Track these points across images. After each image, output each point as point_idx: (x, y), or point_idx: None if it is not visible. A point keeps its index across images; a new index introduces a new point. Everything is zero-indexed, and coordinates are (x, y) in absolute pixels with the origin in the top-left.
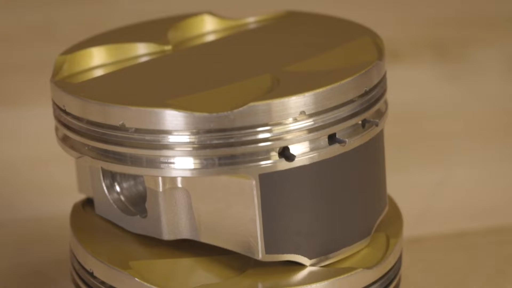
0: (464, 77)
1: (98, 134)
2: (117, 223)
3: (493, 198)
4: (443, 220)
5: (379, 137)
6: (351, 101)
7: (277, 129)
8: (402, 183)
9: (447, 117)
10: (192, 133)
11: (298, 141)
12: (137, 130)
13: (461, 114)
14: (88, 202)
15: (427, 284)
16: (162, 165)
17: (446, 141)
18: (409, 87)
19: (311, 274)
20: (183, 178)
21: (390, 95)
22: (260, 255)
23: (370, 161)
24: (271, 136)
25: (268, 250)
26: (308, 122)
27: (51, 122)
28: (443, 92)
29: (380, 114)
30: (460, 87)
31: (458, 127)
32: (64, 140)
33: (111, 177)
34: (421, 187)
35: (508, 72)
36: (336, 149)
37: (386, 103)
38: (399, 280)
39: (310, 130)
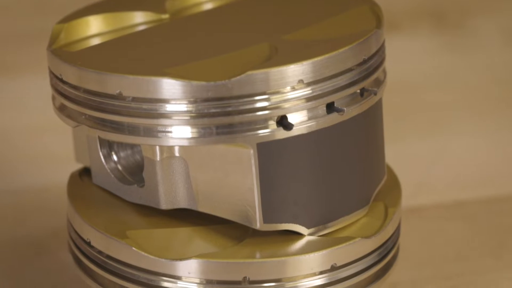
0: (463, 47)
1: (95, 103)
2: (115, 192)
3: (493, 168)
4: (442, 190)
5: (378, 106)
6: (350, 70)
7: (275, 98)
8: (400, 153)
9: (445, 87)
10: (190, 102)
11: (296, 110)
12: (135, 99)
13: (460, 84)
14: (85, 172)
15: (426, 254)
16: (160, 134)
17: (444, 111)
18: (407, 58)
19: (309, 243)
20: (181, 147)
21: (388, 66)
22: (258, 224)
23: (368, 130)
24: (269, 105)
25: (266, 219)
26: (306, 91)
27: (48, 92)
28: (442, 62)
29: (379, 82)
30: (458, 57)
31: (456, 97)
32: (61, 109)
33: (108, 146)
34: (420, 157)
35: (507, 42)
36: (335, 118)
37: (384, 72)
38: (398, 249)
39: (308, 98)
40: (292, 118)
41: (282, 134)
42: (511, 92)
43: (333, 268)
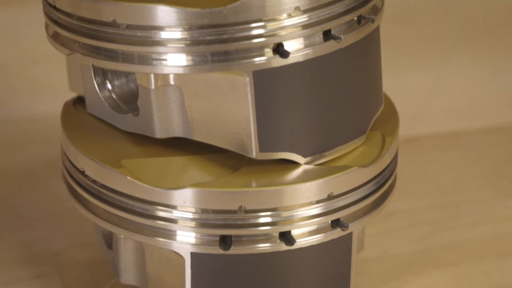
0: None
1: (89, 30)
2: (109, 121)
3: (490, 97)
4: (440, 120)
5: (375, 34)
6: None
7: (271, 25)
8: (398, 84)
9: (444, 17)
10: (185, 29)
11: (293, 38)
12: (129, 26)
13: (457, 14)
14: (79, 101)
15: (423, 183)
16: (154, 62)
17: (442, 42)
18: None
19: (305, 172)
20: (176, 75)
21: None
22: (254, 153)
23: (366, 58)
24: (265, 32)
25: (262, 148)
26: (302, 18)
27: (42, 21)
28: None
29: (376, 10)
30: None
31: (455, 27)
32: (54, 37)
33: (103, 74)
34: (418, 87)
35: None
36: (331, 45)
37: None
38: (395, 178)
39: (305, 26)
40: (288, 45)
41: (278, 62)
42: (508, 22)
43: (330, 197)
